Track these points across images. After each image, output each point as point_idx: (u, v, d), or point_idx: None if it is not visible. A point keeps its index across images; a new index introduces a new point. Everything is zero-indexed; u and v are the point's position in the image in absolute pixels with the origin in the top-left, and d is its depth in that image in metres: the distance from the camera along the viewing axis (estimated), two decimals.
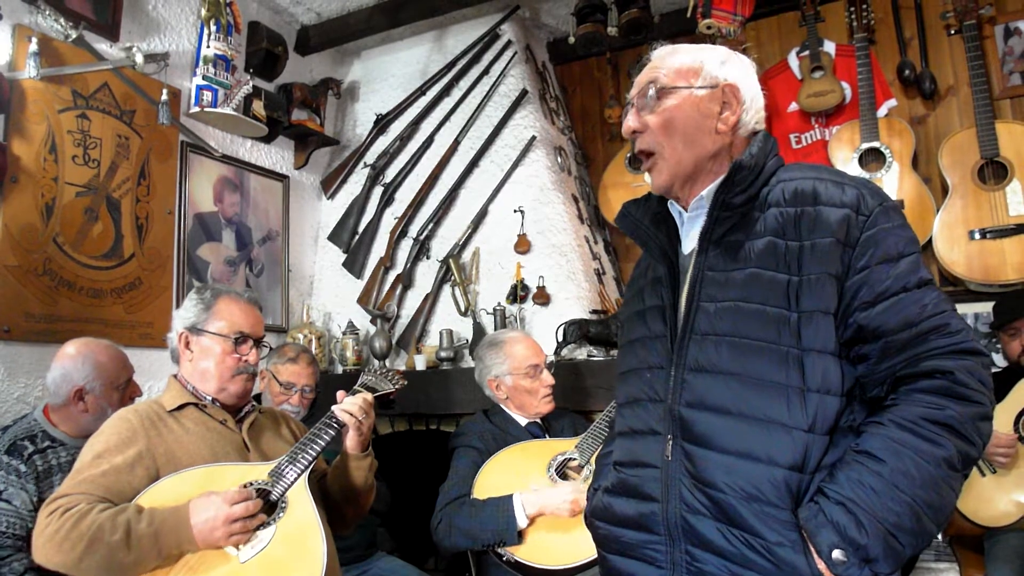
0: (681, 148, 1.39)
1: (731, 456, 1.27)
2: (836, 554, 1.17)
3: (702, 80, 1.41)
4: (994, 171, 3.25)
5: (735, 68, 1.44)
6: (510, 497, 2.29)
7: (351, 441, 2.00)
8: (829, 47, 3.78)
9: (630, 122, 1.44)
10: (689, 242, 1.46)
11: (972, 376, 1.22)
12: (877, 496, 1.17)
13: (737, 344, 1.29)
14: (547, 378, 2.66)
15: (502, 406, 2.69)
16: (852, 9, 3.66)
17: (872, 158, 3.48)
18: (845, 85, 3.69)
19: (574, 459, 2.40)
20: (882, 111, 3.59)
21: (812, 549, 1.19)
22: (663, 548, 1.33)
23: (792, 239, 1.30)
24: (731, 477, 1.26)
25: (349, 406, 1.99)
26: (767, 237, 1.32)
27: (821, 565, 1.19)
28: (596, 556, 2.10)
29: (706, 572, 1.28)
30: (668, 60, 1.45)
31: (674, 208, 1.51)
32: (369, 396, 2.06)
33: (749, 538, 1.23)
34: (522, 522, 2.25)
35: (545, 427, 2.69)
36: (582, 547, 2.17)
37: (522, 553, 2.24)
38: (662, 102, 1.41)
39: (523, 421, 2.65)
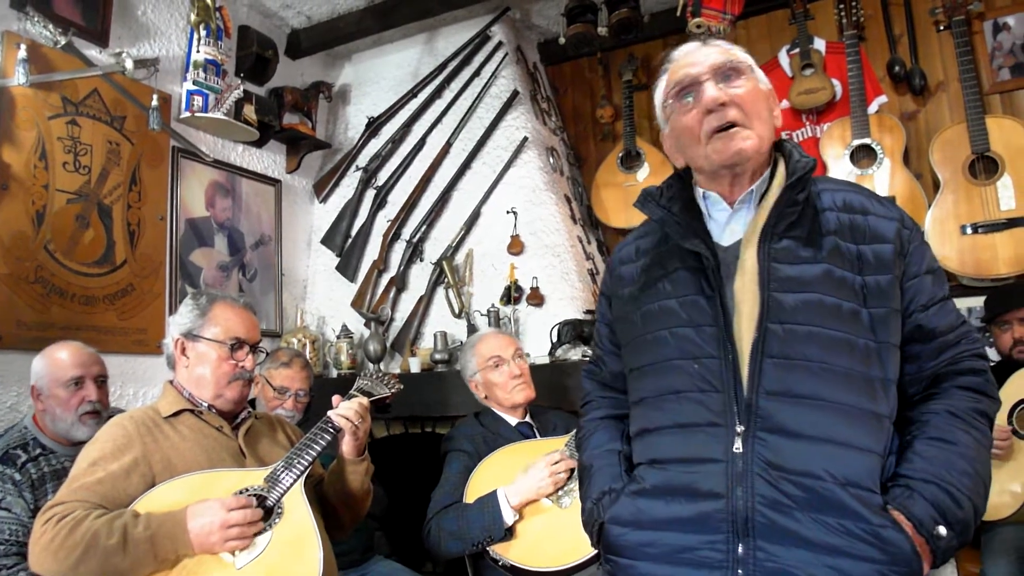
0: (762, 127, 1.41)
1: (827, 443, 1.27)
2: (939, 529, 1.23)
3: (760, 79, 1.47)
4: (985, 166, 3.26)
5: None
6: (494, 493, 2.29)
7: (347, 446, 2.00)
8: (819, 44, 3.79)
9: (714, 92, 1.39)
10: (728, 235, 1.45)
11: (992, 376, 1.39)
12: (961, 476, 1.26)
13: (822, 335, 1.31)
14: (513, 368, 2.64)
15: (489, 406, 2.70)
16: (841, 6, 3.67)
17: (863, 155, 3.49)
18: (835, 82, 3.70)
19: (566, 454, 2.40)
20: (873, 108, 3.60)
21: (908, 527, 1.23)
22: (724, 547, 1.28)
23: (850, 242, 1.37)
24: (831, 464, 1.25)
25: (345, 411, 1.98)
26: (831, 237, 1.37)
27: (919, 540, 1.22)
28: (591, 555, 2.13)
29: (783, 568, 1.24)
30: (726, 47, 1.46)
31: (707, 200, 1.49)
32: (365, 400, 2.05)
33: (849, 524, 1.23)
34: (508, 516, 2.24)
35: (537, 427, 2.69)
36: (577, 547, 2.16)
37: (516, 556, 2.23)
38: (744, 81, 1.42)
39: (513, 421, 2.65)
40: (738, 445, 1.30)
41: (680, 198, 1.53)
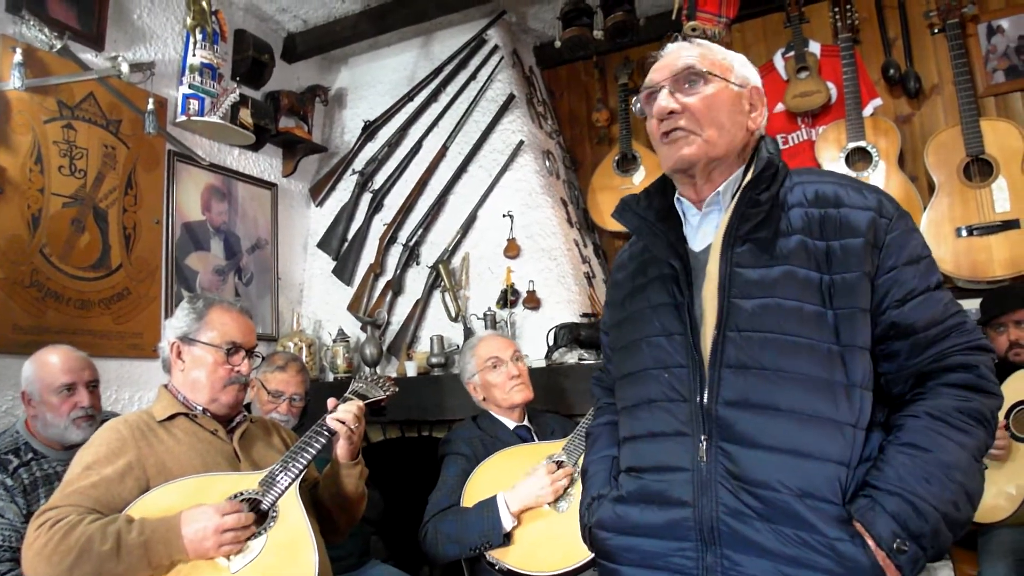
0: (717, 132, 1.39)
1: (783, 454, 1.25)
2: (898, 543, 1.18)
3: (735, 77, 1.43)
4: (979, 168, 3.27)
5: (755, 73, 1.48)
6: (494, 497, 2.28)
7: (341, 450, 2.00)
8: (814, 48, 3.80)
9: (664, 102, 1.40)
10: (701, 239, 1.45)
11: (990, 371, 1.30)
12: (930, 485, 1.20)
13: (779, 341, 1.28)
14: (511, 368, 2.65)
15: (487, 409, 2.70)
16: (836, 10, 3.69)
17: (859, 157, 3.50)
18: (831, 85, 3.71)
19: (562, 460, 2.40)
20: (868, 110, 3.61)
21: (870, 541, 1.19)
22: (694, 555, 1.29)
23: (819, 239, 1.33)
24: (785, 475, 1.24)
25: (342, 414, 1.98)
26: (797, 236, 1.34)
27: (880, 555, 1.19)
28: (586, 560, 2.12)
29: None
30: (697, 51, 1.44)
31: (682, 204, 1.50)
32: (361, 404, 2.05)
33: (805, 536, 1.21)
34: (507, 521, 2.24)
35: (535, 430, 2.69)
36: (573, 551, 2.16)
37: (514, 561, 2.23)
38: (703, 87, 1.40)
39: (511, 424, 2.65)
40: (703, 454, 1.31)
41: (658, 204, 1.53)
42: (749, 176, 1.40)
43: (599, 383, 1.77)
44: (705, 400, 1.32)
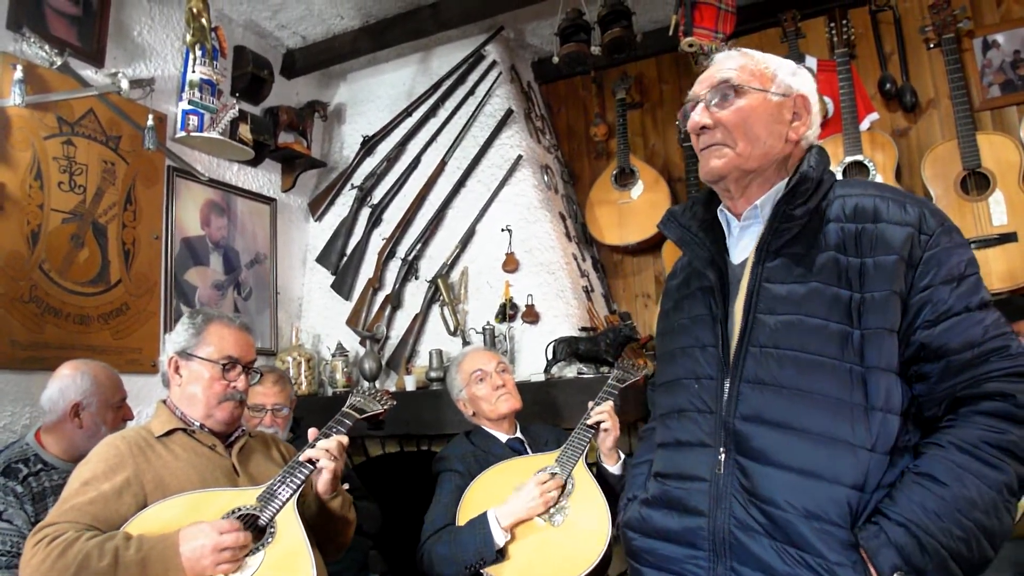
0: (750, 145, 1.38)
1: (792, 473, 1.24)
2: None
3: (776, 87, 1.41)
4: (976, 182, 3.28)
5: (805, 81, 1.44)
6: (484, 515, 2.27)
7: (321, 485, 1.95)
8: (811, 62, 3.81)
9: (698, 117, 1.41)
10: (740, 252, 1.46)
11: None
12: (940, 520, 1.16)
13: (799, 359, 1.27)
14: (496, 379, 2.65)
15: (478, 424, 2.69)
16: (832, 25, 3.71)
17: (856, 171, 3.51)
18: (827, 100, 3.72)
19: (556, 472, 2.39)
20: (864, 125, 3.62)
21: (872, 570, 1.18)
22: (706, 564, 1.30)
23: (853, 255, 1.30)
24: (792, 494, 1.23)
25: (316, 452, 1.91)
26: (829, 252, 1.32)
27: None
28: (585, 573, 2.12)
29: None
30: (738, 62, 1.43)
31: (724, 216, 1.50)
32: (344, 440, 1.98)
33: (808, 558, 1.20)
34: (499, 537, 2.21)
35: (528, 442, 2.68)
36: (570, 565, 2.14)
37: None
38: (736, 100, 1.39)
39: (503, 437, 2.64)
40: (720, 466, 1.32)
41: (702, 216, 1.54)
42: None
43: (654, 388, 1.78)
44: (724, 412, 1.34)
